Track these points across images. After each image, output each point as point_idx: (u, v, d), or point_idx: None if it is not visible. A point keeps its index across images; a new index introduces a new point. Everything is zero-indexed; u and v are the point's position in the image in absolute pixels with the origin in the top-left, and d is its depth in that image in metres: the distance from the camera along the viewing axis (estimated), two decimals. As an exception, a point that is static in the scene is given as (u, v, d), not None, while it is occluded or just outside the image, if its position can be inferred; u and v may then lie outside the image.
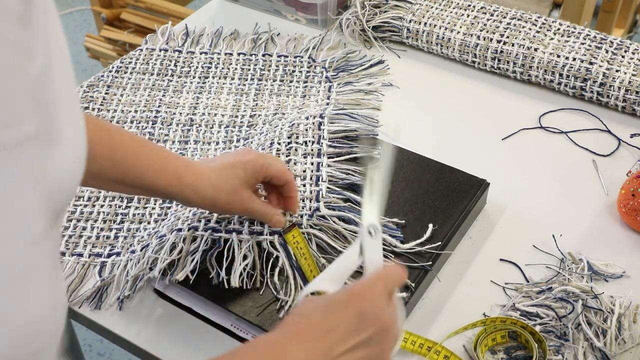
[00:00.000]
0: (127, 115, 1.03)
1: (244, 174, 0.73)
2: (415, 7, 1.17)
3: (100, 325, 0.78)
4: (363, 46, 1.18)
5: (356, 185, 0.87)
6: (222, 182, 0.72)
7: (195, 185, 0.71)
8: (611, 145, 0.99)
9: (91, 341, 1.70)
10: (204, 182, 0.71)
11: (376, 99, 1.07)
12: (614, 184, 0.92)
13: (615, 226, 0.87)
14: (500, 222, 0.88)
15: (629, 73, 1.01)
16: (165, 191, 0.71)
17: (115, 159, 0.68)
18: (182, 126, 1.01)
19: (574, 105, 1.05)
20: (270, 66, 1.13)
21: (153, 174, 0.70)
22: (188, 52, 1.16)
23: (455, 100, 1.08)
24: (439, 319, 0.78)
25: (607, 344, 0.72)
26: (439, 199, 0.85)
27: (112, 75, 1.11)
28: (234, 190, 0.72)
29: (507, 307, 0.77)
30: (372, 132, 0.96)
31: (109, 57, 2.05)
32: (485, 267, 0.83)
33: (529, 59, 1.06)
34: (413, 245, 0.80)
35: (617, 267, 0.82)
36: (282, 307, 0.74)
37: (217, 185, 0.72)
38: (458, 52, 1.11)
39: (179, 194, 0.71)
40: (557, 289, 0.77)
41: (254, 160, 0.74)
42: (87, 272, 0.82)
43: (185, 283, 0.76)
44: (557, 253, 0.84)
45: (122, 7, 2.10)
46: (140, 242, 0.83)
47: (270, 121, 1.01)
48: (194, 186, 0.71)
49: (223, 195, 0.72)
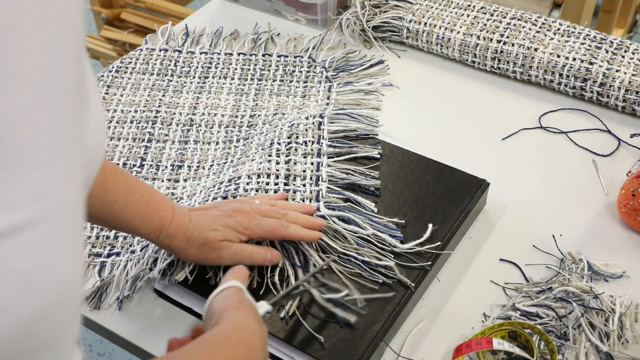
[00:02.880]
0: (127, 115, 1.03)
1: (224, 232, 0.73)
2: (415, 7, 1.17)
3: (100, 325, 0.78)
4: (363, 46, 1.18)
5: (356, 185, 0.87)
6: (196, 234, 0.72)
7: (172, 237, 0.72)
8: (611, 145, 0.99)
9: (91, 341, 1.70)
10: (180, 234, 0.72)
11: (376, 99, 1.07)
12: (614, 184, 0.92)
13: (615, 226, 0.87)
14: (500, 222, 0.88)
15: (629, 73, 1.01)
16: (146, 237, 0.73)
17: (105, 202, 0.68)
18: (182, 126, 1.01)
19: (574, 105, 1.05)
20: (270, 66, 1.13)
21: (139, 223, 0.71)
22: (188, 52, 1.16)
23: (455, 100, 1.08)
24: (439, 319, 0.78)
25: (610, 344, 0.72)
26: (439, 199, 0.85)
27: (112, 75, 1.11)
28: (205, 242, 0.72)
29: (507, 307, 0.77)
30: (372, 132, 0.96)
31: (109, 57, 2.05)
32: (485, 267, 0.83)
33: (529, 59, 1.06)
34: (413, 246, 0.80)
35: (617, 267, 0.82)
36: (282, 307, 0.74)
37: (190, 237, 0.72)
38: (458, 52, 1.11)
39: (157, 242, 0.73)
40: (557, 289, 0.77)
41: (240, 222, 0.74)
42: (86, 272, 0.82)
43: (185, 283, 0.76)
44: (557, 253, 0.84)
45: (122, 7, 2.10)
46: (140, 242, 0.83)
47: (270, 121, 1.01)
48: (170, 237, 0.72)
49: (194, 247, 0.72)
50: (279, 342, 0.72)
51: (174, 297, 0.78)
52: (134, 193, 0.70)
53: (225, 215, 0.74)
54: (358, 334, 0.72)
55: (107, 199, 0.68)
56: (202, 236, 0.72)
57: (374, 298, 0.74)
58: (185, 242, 0.72)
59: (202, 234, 0.72)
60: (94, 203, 0.67)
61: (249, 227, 0.74)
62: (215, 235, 0.72)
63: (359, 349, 0.70)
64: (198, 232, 0.72)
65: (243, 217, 0.74)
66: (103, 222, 0.71)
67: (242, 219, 0.74)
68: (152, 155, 0.97)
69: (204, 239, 0.72)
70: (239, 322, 0.58)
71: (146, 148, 0.98)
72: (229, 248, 0.73)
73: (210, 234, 0.72)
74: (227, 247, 0.73)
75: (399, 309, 0.74)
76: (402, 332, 0.76)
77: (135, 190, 0.71)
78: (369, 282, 0.76)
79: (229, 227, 0.73)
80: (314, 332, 0.71)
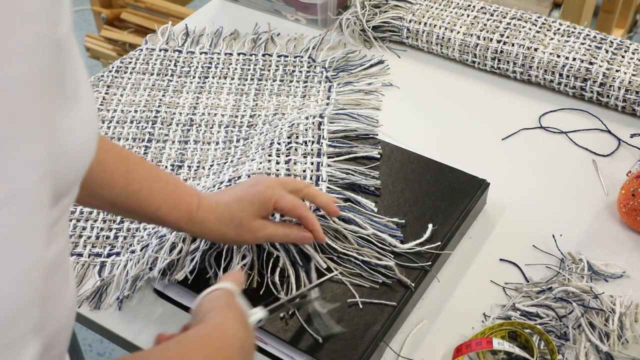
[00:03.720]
0: (127, 115, 1.03)
1: (252, 208, 0.73)
2: (415, 7, 1.17)
3: (100, 325, 0.78)
4: (363, 46, 1.18)
5: (356, 185, 0.87)
6: (229, 216, 0.72)
7: (204, 222, 0.72)
8: (611, 145, 0.99)
9: (91, 341, 1.70)
10: (211, 218, 0.72)
11: (376, 99, 1.07)
12: (614, 184, 0.92)
13: (615, 226, 0.87)
14: (500, 222, 0.88)
15: (629, 73, 1.01)
16: (174, 226, 0.72)
17: (130, 191, 0.69)
18: (182, 126, 1.01)
19: (574, 105, 1.05)
20: (270, 66, 1.13)
21: (166, 210, 0.71)
22: (188, 52, 1.16)
23: (455, 100, 1.08)
24: (439, 319, 0.78)
25: (610, 344, 0.72)
26: (439, 199, 0.85)
27: (112, 75, 1.11)
28: (240, 223, 0.73)
29: (507, 307, 0.77)
30: (372, 132, 0.96)
31: (109, 57, 2.05)
32: (485, 267, 0.83)
33: (529, 59, 1.06)
34: (413, 245, 0.80)
35: (617, 267, 0.82)
36: (283, 312, 0.74)
37: (223, 219, 0.72)
38: (458, 52, 1.11)
39: (189, 229, 0.73)
40: (557, 289, 0.77)
41: (262, 192, 0.73)
42: (86, 272, 0.82)
43: (185, 283, 0.76)
44: (557, 253, 0.84)
45: (122, 7, 2.10)
46: (140, 242, 0.83)
47: (270, 121, 1.01)
48: (202, 223, 0.72)
49: (231, 229, 0.73)
50: (279, 342, 0.72)
51: (174, 297, 0.78)
52: (158, 181, 0.71)
53: (247, 186, 0.75)
54: (358, 334, 0.72)
55: (131, 187, 0.69)
56: (236, 217, 0.72)
57: (375, 303, 0.74)
58: (219, 225, 0.72)
59: (234, 216, 0.72)
60: (119, 193, 0.68)
61: (273, 196, 0.73)
62: (247, 215, 0.72)
63: (359, 349, 0.70)
64: (229, 214, 0.72)
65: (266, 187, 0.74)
66: (129, 212, 0.71)
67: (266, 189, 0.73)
68: (152, 155, 0.97)
69: (238, 221, 0.72)
70: (220, 322, 0.58)
71: (146, 148, 0.98)
72: (265, 230, 0.73)
73: (241, 214, 0.72)
74: (263, 229, 0.73)
75: (399, 309, 0.74)
76: (402, 332, 0.76)
77: (159, 179, 0.71)
78: (369, 282, 0.76)
79: (255, 201, 0.73)
80: (312, 332, 0.71)
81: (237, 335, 0.58)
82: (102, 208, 0.71)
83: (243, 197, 0.73)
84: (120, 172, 0.68)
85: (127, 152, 0.71)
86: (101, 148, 0.65)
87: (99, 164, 0.66)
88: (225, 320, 0.58)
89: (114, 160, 0.68)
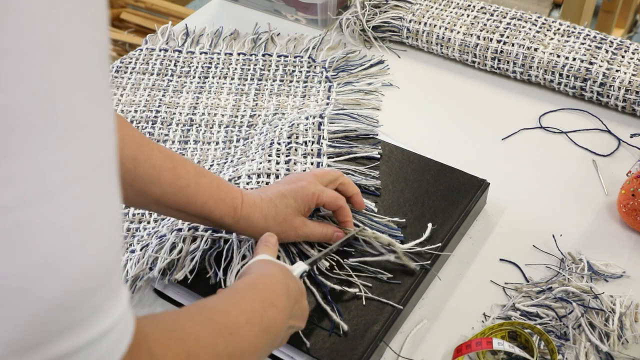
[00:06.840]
0: (127, 115, 1.03)
1: (295, 203, 0.75)
2: (415, 7, 1.17)
3: (100, 325, 0.78)
4: (363, 46, 1.18)
5: (356, 185, 0.87)
6: (273, 213, 0.74)
7: (249, 217, 0.73)
8: (611, 145, 0.99)
9: (91, 341, 1.70)
10: (256, 214, 0.73)
11: (376, 99, 1.07)
12: (614, 184, 0.92)
13: (615, 226, 0.87)
14: (500, 222, 0.88)
15: (629, 73, 1.01)
16: (220, 221, 0.73)
17: (178, 187, 0.70)
18: (182, 126, 1.01)
19: (574, 105, 1.05)
20: (270, 66, 1.13)
21: (213, 205, 0.71)
22: (188, 52, 1.16)
23: (455, 100, 1.08)
24: (439, 319, 0.78)
25: (610, 344, 0.72)
26: (439, 199, 0.85)
27: (112, 75, 1.11)
28: (284, 219, 0.74)
29: (507, 307, 0.77)
30: (372, 132, 0.96)
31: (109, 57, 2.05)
32: (485, 267, 0.83)
33: (529, 59, 1.06)
34: (413, 245, 0.80)
35: (617, 267, 0.82)
36: None
37: (268, 215, 0.74)
38: (458, 52, 1.11)
39: (234, 224, 0.73)
40: (557, 289, 0.77)
41: (305, 188, 0.75)
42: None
43: (185, 283, 0.76)
44: (557, 253, 0.84)
45: (122, 7, 2.10)
46: (139, 242, 0.83)
47: (270, 121, 1.01)
48: (247, 218, 0.73)
49: (274, 225, 0.74)
50: (279, 342, 0.72)
51: (174, 297, 0.78)
52: (204, 177, 0.72)
53: (287, 182, 0.77)
54: (358, 334, 0.72)
55: (180, 183, 0.70)
56: (280, 214, 0.74)
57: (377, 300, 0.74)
58: (264, 221, 0.73)
59: (278, 212, 0.74)
60: (167, 189, 0.69)
61: (316, 191, 0.75)
62: (290, 211, 0.74)
63: (359, 349, 0.70)
64: (274, 211, 0.74)
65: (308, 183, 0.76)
66: (177, 209, 0.71)
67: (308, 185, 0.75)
68: (152, 155, 0.97)
69: (282, 217, 0.74)
70: (263, 271, 0.63)
71: (146, 148, 0.98)
72: (306, 227, 0.76)
73: (285, 210, 0.74)
74: (304, 226, 0.76)
75: (399, 309, 0.74)
76: (402, 332, 0.76)
77: (204, 174, 0.72)
78: (372, 272, 0.77)
79: (299, 197, 0.75)
80: (307, 336, 0.71)
81: (282, 280, 0.62)
82: (149, 207, 0.72)
83: (286, 193, 0.75)
84: (168, 169, 0.69)
85: (171, 150, 0.72)
86: (147, 145, 0.67)
87: (146, 161, 0.67)
88: (268, 269, 0.64)
89: (160, 157, 0.69)
